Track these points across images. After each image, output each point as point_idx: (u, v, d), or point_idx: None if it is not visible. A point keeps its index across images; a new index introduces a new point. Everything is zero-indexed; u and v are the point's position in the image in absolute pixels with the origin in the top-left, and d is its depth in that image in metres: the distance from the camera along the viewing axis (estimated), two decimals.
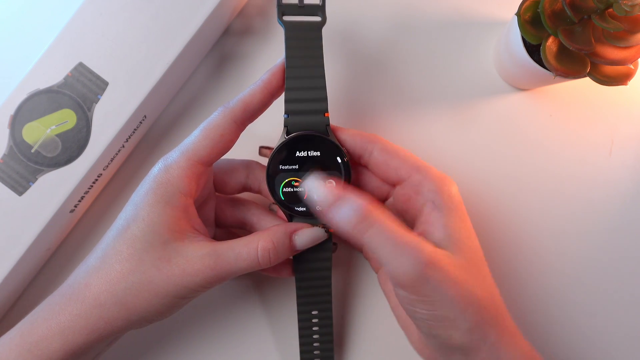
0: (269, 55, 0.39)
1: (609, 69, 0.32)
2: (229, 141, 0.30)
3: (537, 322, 0.28)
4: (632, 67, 0.32)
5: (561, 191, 0.38)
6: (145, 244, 0.28)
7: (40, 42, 0.34)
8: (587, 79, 0.32)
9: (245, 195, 0.36)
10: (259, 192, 0.34)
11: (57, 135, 0.34)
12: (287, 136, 0.30)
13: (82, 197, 0.35)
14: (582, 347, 0.37)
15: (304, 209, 0.31)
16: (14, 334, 0.28)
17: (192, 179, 0.29)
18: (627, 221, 0.38)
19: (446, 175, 0.31)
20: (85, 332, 0.27)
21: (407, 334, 0.32)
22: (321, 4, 0.32)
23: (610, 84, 0.32)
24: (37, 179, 0.33)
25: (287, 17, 0.31)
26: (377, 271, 0.35)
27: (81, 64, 0.34)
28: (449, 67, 0.39)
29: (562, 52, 0.32)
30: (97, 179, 0.35)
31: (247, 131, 0.31)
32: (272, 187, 0.31)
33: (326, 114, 0.31)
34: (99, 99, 0.34)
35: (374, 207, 0.26)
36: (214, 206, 0.33)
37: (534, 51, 0.34)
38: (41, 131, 0.33)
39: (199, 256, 0.28)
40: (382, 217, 0.26)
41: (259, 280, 0.37)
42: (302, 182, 0.30)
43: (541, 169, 0.38)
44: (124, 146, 0.36)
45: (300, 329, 0.34)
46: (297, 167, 0.31)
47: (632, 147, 0.39)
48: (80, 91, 0.34)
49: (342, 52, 0.39)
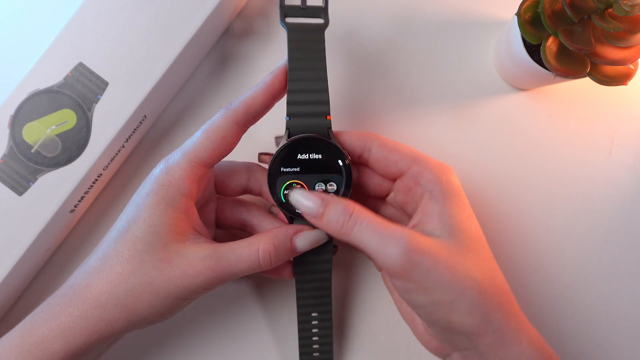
0: (269, 55, 0.39)
1: (609, 69, 0.32)
2: (231, 143, 0.30)
3: (536, 322, 0.29)
4: (632, 67, 0.32)
5: (561, 191, 0.38)
6: (146, 245, 0.28)
7: (40, 42, 0.34)
8: (587, 79, 0.32)
9: (246, 197, 0.36)
10: (259, 194, 0.34)
11: (57, 135, 0.33)
12: (288, 138, 0.30)
13: (82, 197, 0.35)
14: (582, 347, 0.37)
15: None
16: (14, 334, 0.28)
17: (194, 181, 0.29)
18: (627, 221, 0.38)
19: (445, 164, 0.31)
20: (85, 333, 0.27)
21: (412, 328, 0.32)
22: (324, 6, 0.32)
23: (610, 84, 0.32)
24: (37, 179, 0.33)
25: (289, 19, 0.31)
26: (380, 269, 0.35)
27: (81, 64, 0.34)
28: (449, 67, 0.39)
29: (562, 52, 0.32)
30: (97, 179, 0.35)
31: (249, 133, 0.31)
32: (273, 189, 0.31)
33: (328, 117, 0.31)
34: (99, 99, 0.34)
35: (356, 206, 0.28)
36: (214, 208, 0.33)
37: (534, 51, 0.34)
38: (41, 131, 0.33)
39: (200, 258, 0.28)
40: (365, 214, 0.28)
41: (259, 281, 0.37)
42: (289, 196, 0.30)
43: (541, 169, 0.38)
44: (124, 146, 0.36)
45: (300, 330, 0.34)
46: (298, 169, 0.31)
47: (632, 147, 0.39)
48: (80, 91, 0.34)
49: (342, 52, 0.39)
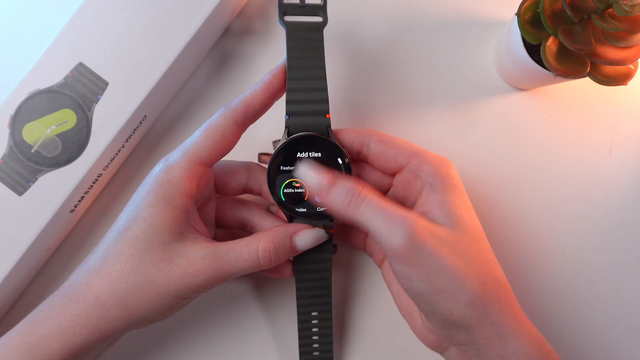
0: (269, 55, 0.39)
1: (609, 69, 0.32)
2: (230, 142, 0.30)
3: (536, 322, 0.29)
4: (632, 67, 0.32)
5: (561, 191, 0.38)
6: (146, 244, 0.28)
7: (40, 42, 0.34)
8: (587, 79, 0.32)
9: (245, 196, 0.36)
10: (259, 193, 0.34)
11: (57, 135, 0.34)
12: (288, 137, 0.30)
13: (82, 197, 0.35)
14: (581, 347, 0.37)
15: (305, 210, 0.31)
16: (15, 334, 0.28)
17: (193, 180, 0.29)
18: (627, 221, 0.38)
19: (444, 157, 0.31)
20: (85, 332, 0.27)
21: (410, 323, 0.32)
22: (322, 4, 0.32)
23: (610, 84, 0.32)
24: (37, 179, 0.33)
25: (288, 18, 0.31)
26: (380, 265, 0.35)
27: (81, 64, 0.34)
28: (449, 67, 0.39)
29: (562, 52, 0.32)
30: (97, 179, 0.35)
31: (248, 133, 0.31)
32: (272, 188, 0.31)
33: (327, 115, 0.31)
34: (99, 99, 0.34)
35: (363, 186, 0.28)
36: (214, 207, 0.33)
37: (534, 51, 0.34)
38: (41, 131, 0.33)
39: (200, 257, 0.28)
40: (372, 194, 0.28)
41: (259, 281, 0.37)
42: (294, 170, 0.30)
43: (541, 169, 0.38)
44: (124, 146, 0.36)
45: (300, 330, 0.34)
46: None
47: (632, 147, 0.39)
48: (80, 91, 0.34)
49: (342, 52, 0.39)
